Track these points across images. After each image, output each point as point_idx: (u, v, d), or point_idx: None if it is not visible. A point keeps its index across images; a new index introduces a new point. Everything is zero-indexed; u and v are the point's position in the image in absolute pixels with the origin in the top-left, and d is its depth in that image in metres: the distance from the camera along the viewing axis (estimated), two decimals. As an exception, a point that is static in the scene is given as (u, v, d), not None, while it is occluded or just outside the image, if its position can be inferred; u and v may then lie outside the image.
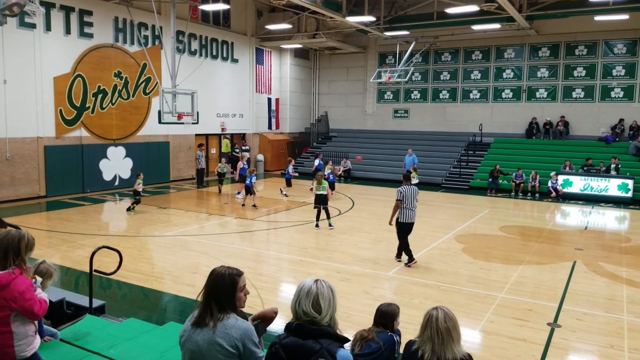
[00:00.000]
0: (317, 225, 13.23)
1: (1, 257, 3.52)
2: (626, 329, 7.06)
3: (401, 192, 9.84)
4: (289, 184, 18.64)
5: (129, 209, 15.12)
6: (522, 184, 20.36)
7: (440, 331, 3.18)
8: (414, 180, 17.18)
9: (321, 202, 13.29)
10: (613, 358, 6.17)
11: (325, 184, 13.45)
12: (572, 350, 6.45)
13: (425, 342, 3.23)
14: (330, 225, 13.22)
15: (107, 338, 4.44)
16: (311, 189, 14.86)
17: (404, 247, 10.01)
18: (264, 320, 3.38)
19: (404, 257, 10.11)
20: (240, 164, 18.38)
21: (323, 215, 13.38)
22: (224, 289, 2.84)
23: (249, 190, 16.18)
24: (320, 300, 2.76)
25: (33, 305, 3.54)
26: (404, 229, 9.93)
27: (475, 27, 23.25)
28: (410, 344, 3.37)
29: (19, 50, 16.34)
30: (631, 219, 16.35)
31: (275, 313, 3.45)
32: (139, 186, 15.14)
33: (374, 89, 29.06)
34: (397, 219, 9.95)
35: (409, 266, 9.85)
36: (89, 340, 4.38)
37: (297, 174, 19.37)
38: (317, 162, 20.69)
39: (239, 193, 17.76)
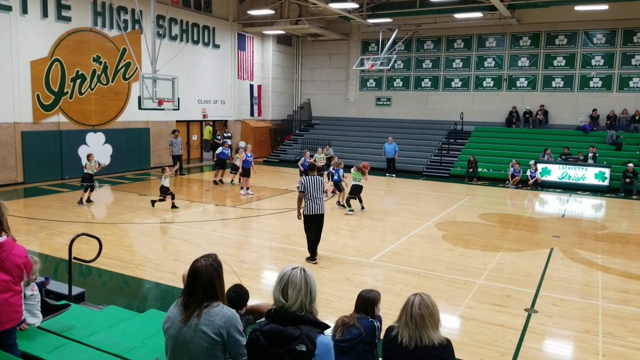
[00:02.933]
0: (351, 210, 13.98)
1: None
2: (601, 314, 7.24)
3: (302, 184, 9.14)
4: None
5: (80, 202, 14.00)
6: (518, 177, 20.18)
7: (414, 316, 3.26)
8: (320, 163, 16.90)
9: (356, 192, 14.17)
10: (588, 342, 6.33)
11: (359, 175, 14.26)
12: (549, 335, 6.59)
13: (402, 327, 3.31)
14: (362, 207, 14.24)
15: (87, 326, 4.41)
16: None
17: (308, 243, 9.35)
18: (256, 313, 3.39)
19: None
20: (314, 158, 17.43)
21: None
22: (206, 279, 2.86)
23: (338, 187, 14.93)
24: (289, 288, 2.76)
25: (31, 265, 3.95)
26: (308, 222, 9.21)
27: (458, 16, 23.32)
28: (390, 329, 3.43)
29: (-7, 33, 15.95)
30: (607, 207, 16.68)
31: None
32: (90, 169, 14.02)
33: (356, 76, 29.02)
34: (302, 211, 9.25)
35: (314, 263, 9.24)
36: (69, 328, 4.35)
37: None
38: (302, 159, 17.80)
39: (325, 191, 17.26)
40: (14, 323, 3.82)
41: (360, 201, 14.33)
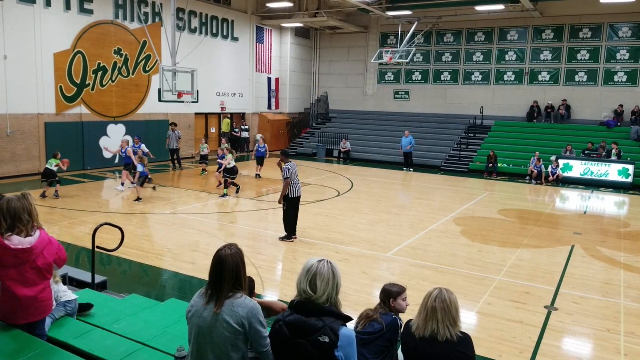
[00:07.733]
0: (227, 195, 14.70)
1: (25, 219, 3.73)
2: (623, 313, 7.13)
3: (289, 170, 9.93)
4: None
5: (43, 195, 13.65)
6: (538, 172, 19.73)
7: (427, 308, 3.30)
8: (232, 163, 14.98)
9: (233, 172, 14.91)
10: (609, 341, 6.24)
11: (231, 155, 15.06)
12: (569, 332, 6.52)
13: (417, 318, 3.37)
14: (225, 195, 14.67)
15: (110, 313, 4.48)
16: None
17: (291, 223, 10.19)
18: (269, 310, 3.42)
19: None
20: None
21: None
22: (232, 267, 2.89)
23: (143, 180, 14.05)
24: (317, 280, 2.78)
25: (64, 253, 4.00)
26: (294, 204, 10.13)
27: (479, 8, 23.03)
28: (408, 322, 3.46)
29: (18, 25, 16.17)
30: (630, 204, 16.40)
31: (283, 310, 3.49)
32: (53, 165, 13.61)
33: (374, 69, 28.86)
34: (287, 195, 10.01)
35: (291, 240, 10.12)
36: (93, 314, 4.43)
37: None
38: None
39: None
40: (43, 316, 3.88)
41: (235, 185, 15.07)
